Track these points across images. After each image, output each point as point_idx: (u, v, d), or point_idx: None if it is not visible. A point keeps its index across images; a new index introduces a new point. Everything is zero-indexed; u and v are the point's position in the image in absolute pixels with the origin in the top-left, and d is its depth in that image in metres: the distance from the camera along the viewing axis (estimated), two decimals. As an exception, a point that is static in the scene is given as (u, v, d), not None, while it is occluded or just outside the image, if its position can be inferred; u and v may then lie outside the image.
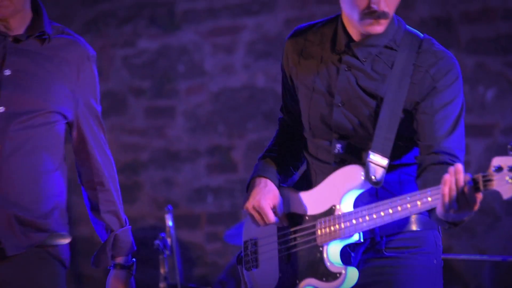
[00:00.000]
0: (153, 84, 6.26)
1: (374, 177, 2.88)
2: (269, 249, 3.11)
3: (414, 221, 2.96)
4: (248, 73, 6.06)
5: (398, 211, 2.78)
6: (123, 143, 6.27)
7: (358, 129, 2.96)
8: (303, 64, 3.06)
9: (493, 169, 2.57)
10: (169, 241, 4.46)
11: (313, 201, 3.01)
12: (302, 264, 3.00)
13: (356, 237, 2.91)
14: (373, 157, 2.89)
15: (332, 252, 2.93)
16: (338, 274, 2.89)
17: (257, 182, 3.08)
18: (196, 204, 6.15)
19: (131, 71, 6.30)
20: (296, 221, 3.04)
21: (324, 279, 2.92)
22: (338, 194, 2.93)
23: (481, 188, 2.59)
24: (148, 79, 6.27)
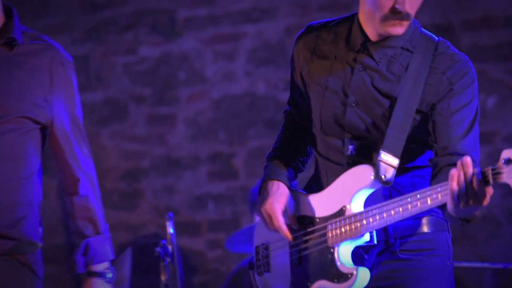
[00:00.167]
0: (154, 91, 6.26)
1: (384, 176, 2.86)
2: (280, 253, 3.10)
3: (426, 223, 2.95)
4: (249, 81, 6.06)
5: (408, 209, 2.75)
6: (124, 150, 6.27)
7: (372, 130, 2.94)
8: (316, 62, 3.04)
9: (503, 161, 2.53)
10: (170, 248, 4.44)
11: (324, 203, 3.00)
12: (313, 267, 2.98)
13: (367, 237, 2.89)
14: (384, 157, 2.87)
15: (343, 253, 2.92)
16: (349, 275, 2.88)
17: (269, 185, 3.07)
18: (197, 211, 6.15)
19: (132, 79, 6.30)
20: (308, 224, 3.03)
21: (335, 281, 2.91)
22: (348, 195, 2.92)
23: (490, 181, 2.56)
24: (149, 87, 6.27)
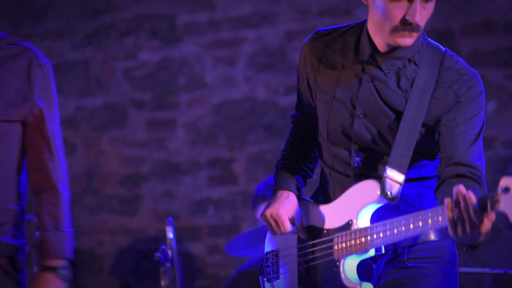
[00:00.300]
0: (154, 96, 6.26)
1: (390, 192, 2.87)
2: (289, 261, 3.11)
3: (433, 231, 2.95)
4: (249, 86, 6.06)
5: (410, 229, 2.75)
6: (124, 155, 6.27)
7: (378, 141, 2.95)
8: (323, 71, 3.03)
9: (501, 190, 2.51)
10: (170, 253, 4.44)
11: (331, 215, 3.01)
12: (319, 278, 2.99)
13: (372, 252, 2.89)
14: (390, 173, 2.87)
15: (349, 267, 2.92)
16: None
17: (279, 193, 3.08)
18: (197, 216, 6.14)
19: (132, 84, 6.30)
20: (315, 234, 3.03)
21: None
22: (355, 209, 2.93)
23: (488, 210, 2.54)
24: (149, 92, 6.26)
